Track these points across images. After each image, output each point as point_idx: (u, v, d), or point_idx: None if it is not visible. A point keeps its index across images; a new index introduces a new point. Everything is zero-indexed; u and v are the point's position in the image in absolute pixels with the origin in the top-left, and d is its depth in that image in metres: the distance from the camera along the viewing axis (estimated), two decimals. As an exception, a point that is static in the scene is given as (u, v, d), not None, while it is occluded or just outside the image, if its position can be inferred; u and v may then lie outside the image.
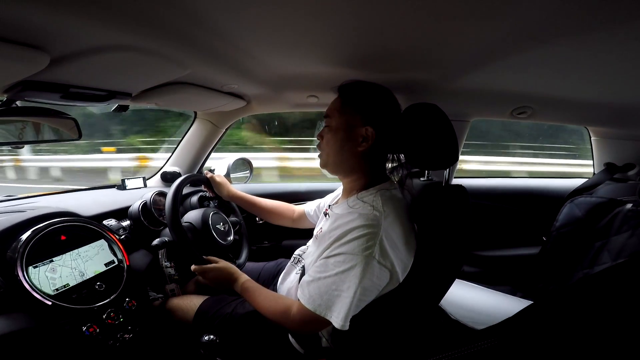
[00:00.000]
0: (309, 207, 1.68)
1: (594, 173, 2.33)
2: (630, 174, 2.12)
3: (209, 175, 1.71)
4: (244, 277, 1.30)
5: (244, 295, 1.26)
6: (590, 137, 2.31)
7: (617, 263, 1.62)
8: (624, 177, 2.14)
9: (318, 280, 1.05)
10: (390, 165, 1.24)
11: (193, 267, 1.35)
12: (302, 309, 1.06)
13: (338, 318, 0.99)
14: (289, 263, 1.43)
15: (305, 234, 1.48)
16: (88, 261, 1.28)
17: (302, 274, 1.21)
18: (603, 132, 2.19)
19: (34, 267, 1.14)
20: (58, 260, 1.21)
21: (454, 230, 1.16)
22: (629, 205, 1.77)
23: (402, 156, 1.24)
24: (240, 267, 1.68)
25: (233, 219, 1.84)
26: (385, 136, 1.16)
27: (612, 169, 2.15)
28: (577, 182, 2.23)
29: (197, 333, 1.27)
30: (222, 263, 1.35)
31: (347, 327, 1.00)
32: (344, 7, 0.84)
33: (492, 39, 1.02)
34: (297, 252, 1.42)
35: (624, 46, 1.00)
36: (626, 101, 1.62)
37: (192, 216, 1.56)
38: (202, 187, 1.84)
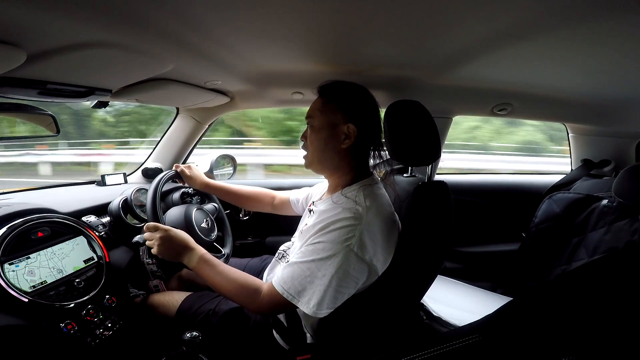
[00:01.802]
0: (295, 195, 1.67)
1: (571, 169, 2.37)
2: (605, 170, 2.18)
3: (179, 169, 1.64)
4: (202, 249, 1.20)
5: (201, 269, 1.16)
6: (568, 134, 2.35)
7: (592, 260, 1.65)
8: (600, 173, 2.19)
9: (294, 264, 1.06)
10: (372, 161, 1.25)
11: (146, 224, 1.24)
12: (272, 290, 1.06)
13: (309, 304, 1.00)
14: (274, 258, 1.42)
15: (290, 231, 1.48)
16: (65, 258, 1.27)
17: None
18: (580, 129, 2.24)
19: (10, 264, 1.12)
20: (33, 260, 1.19)
21: (436, 226, 1.18)
22: (605, 201, 1.81)
23: (384, 152, 1.25)
24: (228, 257, 1.68)
25: (210, 205, 1.83)
26: (367, 132, 1.18)
27: (589, 165, 2.20)
28: (556, 179, 2.27)
29: (179, 330, 1.26)
30: (179, 230, 1.24)
31: (321, 315, 1.01)
32: (329, 5, 0.84)
33: (474, 36, 1.03)
34: (282, 247, 1.42)
35: (602, 44, 1.02)
36: (603, 98, 1.66)
37: (175, 217, 1.54)
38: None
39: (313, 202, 1.37)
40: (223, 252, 1.68)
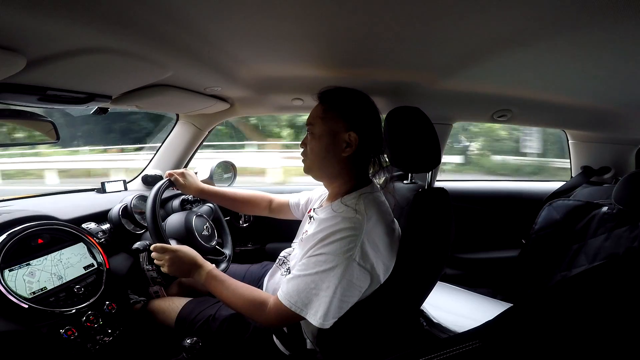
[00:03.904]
0: (294, 198, 1.66)
1: (571, 176, 2.38)
2: (605, 177, 2.18)
3: (173, 177, 1.58)
4: (210, 265, 1.24)
5: (209, 284, 1.20)
6: (567, 141, 2.35)
7: (593, 266, 1.65)
8: (600, 180, 2.19)
9: (298, 277, 1.06)
10: (372, 168, 1.24)
11: (153, 246, 1.28)
12: (278, 304, 1.06)
13: (316, 316, 1.00)
14: (274, 265, 1.42)
15: (290, 237, 1.48)
16: (65, 265, 1.27)
17: None
18: (580, 135, 2.24)
19: (10, 270, 1.12)
20: (33, 267, 1.19)
21: (436, 233, 1.18)
22: (605, 208, 1.81)
23: (384, 159, 1.25)
24: (230, 258, 1.69)
25: (205, 207, 1.84)
26: (368, 140, 1.17)
27: (588, 172, 2.20)
28: (556, 185, 2.27)
29: (179, 336, 1.26)
30: (187, 247, 1.29)
31: (327, 326, 1.01)
32: (329, 11, 0.85)
33: (475, 42, 1.04)
34: (282, 253, 1.42)
35: (602, 50, 1.03)
36: (602, 105, 1.66)
37: (175, 225, 1.53)
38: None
39: (313, 208, 1.37)
40: (224, 255, 1.69)
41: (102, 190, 1.94)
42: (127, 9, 0.77)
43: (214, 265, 1.26)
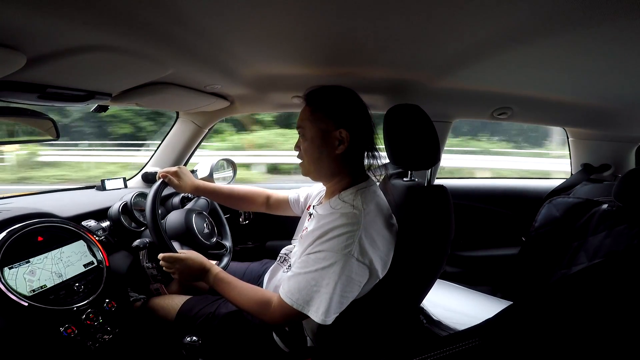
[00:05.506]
0: (294, 194, 1.65)
1: (571, 174, 2.38)
2: (605, 174, 2.18)
3: (167, 178, 1.52)
4: (217, 268, 1.26)
5: (217, 286, 1.22)
6: (568, 138, 2.35)
7: (593, 263, 1.65)
8: (600, 178, 2.19)
9: (298, 275, 1.07)
10: (367, 162, 1.24)
11: (160, 255, 1.29)
12: (281, 302, 1.07)
13: (318, 312, 1.01)
14: (275, 262, 1.43)
15: (290, 234, 1.48)
16: (65, 262, 1.26)
17: None
18: (580, 133, 2.24)
19: (10, 268, 1.12)
20: (33, 265, 1.19)
21: (435, 231, 1.18)
22: (605, 206, 1.81)
23: (378, 153, 1.25)
24: (231, 250, 1.70)
25: (202, 201, 1.84)
26: (359, 135, 1.17)
27: (588, 169, 2.20)
28: (556, 183, 2.27)
29: (178, 333, 1.26)
30: (193, 253, 1.31)
31: (329, 322, 1.01)
32: (328, 8, 0.84)
33: (474, 40, 1.04)
34: (283, 251, 1.42)
35: (601, 48, 1.03)
36: (602, 103, 1.66)
37: (175, 223, 1.52)
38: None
39: (313, 205, 1.37)
40: (225, 247, 1.70)
41: (102, 187, 1.94)
42: (128, 7, 0.77)
43: (220, 268, 1.26)
